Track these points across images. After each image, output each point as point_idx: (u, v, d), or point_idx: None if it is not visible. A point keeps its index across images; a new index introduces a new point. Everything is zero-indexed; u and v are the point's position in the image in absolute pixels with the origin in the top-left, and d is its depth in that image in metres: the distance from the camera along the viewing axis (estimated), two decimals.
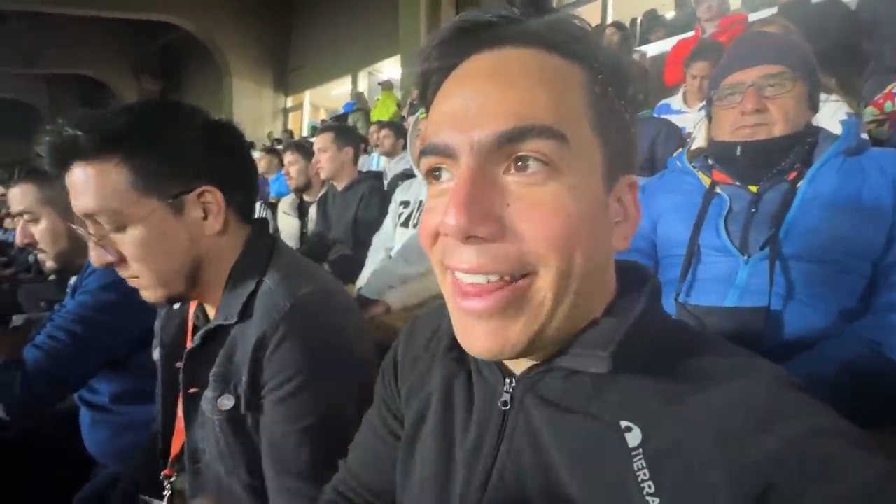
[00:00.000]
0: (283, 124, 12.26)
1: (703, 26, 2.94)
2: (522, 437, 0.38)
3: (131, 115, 0.63)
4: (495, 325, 0.34)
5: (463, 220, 0.32)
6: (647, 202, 1.09)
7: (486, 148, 0.33)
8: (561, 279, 0.33)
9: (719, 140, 0.97)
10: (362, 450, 0.56)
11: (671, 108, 2.51)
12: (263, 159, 4.76)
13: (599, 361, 0.35)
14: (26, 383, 0.85)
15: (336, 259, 2.07)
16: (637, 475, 0.33)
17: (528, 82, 0.34)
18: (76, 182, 0.62)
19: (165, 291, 0.66)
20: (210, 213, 0.67)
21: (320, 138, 2.17)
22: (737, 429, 0.31)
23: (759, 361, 0.36)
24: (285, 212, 2.67)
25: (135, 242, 0.62)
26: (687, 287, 0.92)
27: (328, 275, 0.78)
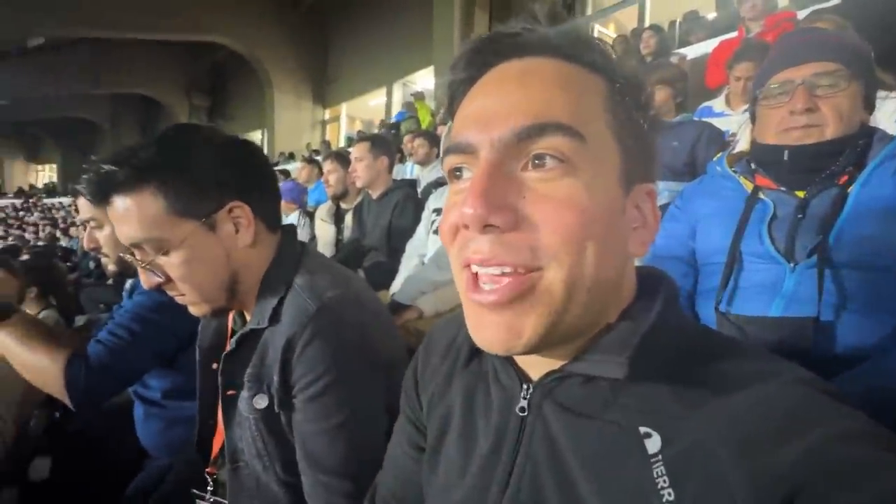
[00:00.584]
0: (321, 135, 12.70)
1: (746, 26, 2.83)
2: (540, 443, 0.38)
3: (158, 145, 0.68)
4: (508, 318, 0.35)
5: (479, 209, 0.33)
6: (685, 208, 1.06)
7: (504, 144, 0.35)
8: (572, 272, 0.34)
9: (764, 143, 0.92)
10: (393, 464, 0.57)
11: (713, 110, 2.42)
12: (304, 169, 4.92)
13: (617, 367, 0.35)
14: (90, 375, 0.91)
15: (370, 265, 2.12)
16: (656, 482, 0.32)
17: (548, 85, 0.35)
18: (118, 213, 0.66)
19: (209, 306, 0.71)
20: (240, 226, 0.71)
21: (357, 147, 2.23)
22: (758, 436, 0.30)
23: (784, 365, 0.35)
24: (322, 219, 2.75)
25: (179, 264, 0.67)
26: (728, 296, 0.88)
27: (356, 278, 0.81)
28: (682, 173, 1.94)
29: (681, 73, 2.36)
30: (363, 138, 2.30)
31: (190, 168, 0.67)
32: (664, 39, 3.58)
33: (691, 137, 2.01)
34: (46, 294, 2.33)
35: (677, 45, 3.94)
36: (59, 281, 2.54)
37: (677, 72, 2.35)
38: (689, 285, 0.99)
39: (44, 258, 3.02)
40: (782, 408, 0.31)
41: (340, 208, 2.67)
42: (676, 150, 2.02)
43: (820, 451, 0.28)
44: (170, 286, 0.70)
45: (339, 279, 0.73)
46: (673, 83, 2.20)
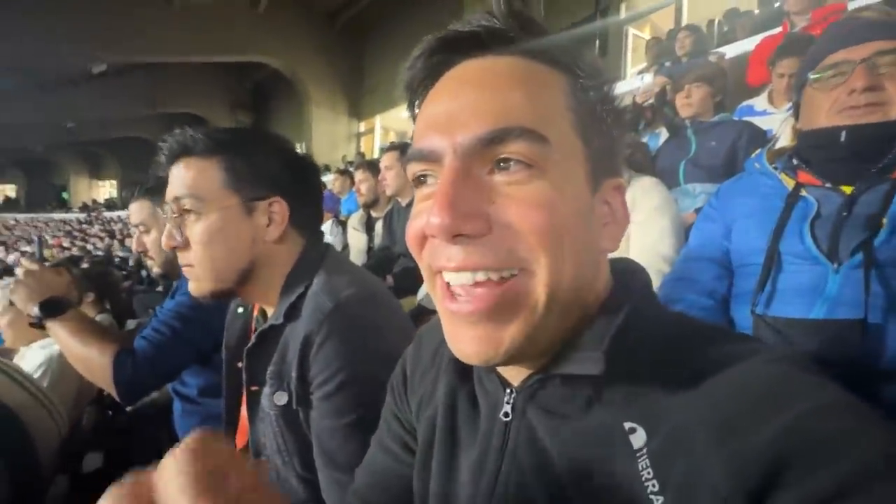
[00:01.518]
0: (356, 147, 13.05)
1: (791, 20, 2.69)
2: (525, 448, 0.38)
3: (236, 131, 0.78)
4: (486, 330, 0.34)
5: (447, 219, 0.32)
6: (720, 207, 1.01)
7: (468, 150, 0.34)
8: (552, 274, 0.33)
9: (814, 128, 0.86)
10: (370, 472, 0.55)
11: (754, 109, 2.31)
12: (337, 180, 5.06)
13: (593, 363, 0.34)
14: (136, 369, 0.98)
15: (400, 272, 2.14)
16: (641, 475, 0.32)
17: (508, 85, 0.34)
18: (179, 172, 0.73)
19: (214, 284, 0.73)
20: (273, 221, 0.75)
21: (386, 156, 2.28)
22: (736, 417, 0.30)
23: (761, 345, 0.34)
24: (354, 227, 2.82)
25: (205, 229, 0.71)
26: (766, 298, 0.83)
27: (373, 278, 0.82)
28: (721, 175, 1.85)
29: (719, 70, 2.27)
30: (392, 147, 2.35)
31: (254, 156, 0.75)
32: (701, 39, 3.46)
33: (731, 137, 1.92)
34: (102, 299, 2.50)
35: (716, 45, 3.79)
36: (114, 287, 2.71)
37: (716, 69, 2.26)
38: (723, 288, 0.94)
39: (101, 266, 3.24)
40: (759, 387, 0.31)
41: (371, 217, 2.73)
42: (714, 150, 1.94)
43: (798, 428, 0.28)
44: (184, 253, 0.73)
45: (355, 279, 0.75)
46: (711, 81, 2.12)
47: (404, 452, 0.53)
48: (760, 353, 0.33)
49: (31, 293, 1.02)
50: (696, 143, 2.03)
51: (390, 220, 2.47)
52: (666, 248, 1.31)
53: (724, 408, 0.30)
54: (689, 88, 2.11)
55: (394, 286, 2.04)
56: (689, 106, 2.11)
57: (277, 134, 0.83)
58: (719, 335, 0.36)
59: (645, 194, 1.38)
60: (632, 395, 0.34)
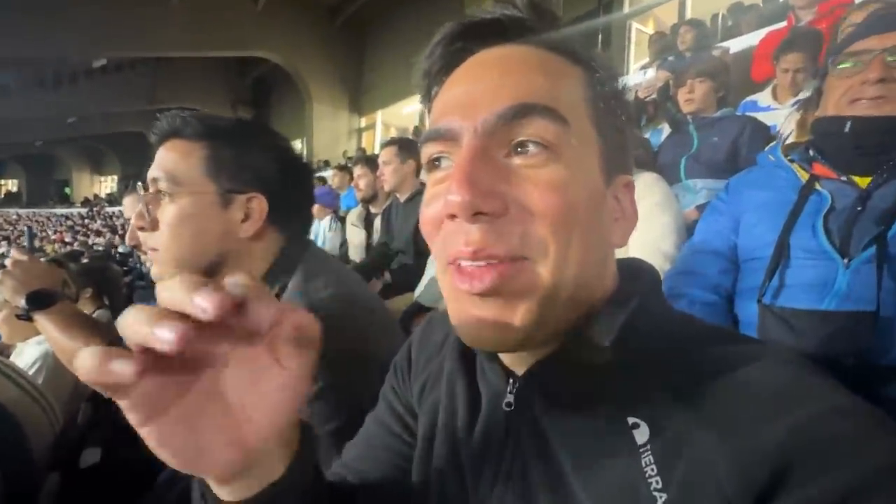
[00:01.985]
0: (357, 143, 13.01)
1: (796, 14, 2.66)
2: (527, 438, 0.37)
3: (231, 122, 0.76)
4: (497, 309, 0.33)
5: (467, 195, 0.31)
6: (730, 200, 0.99)
7: (488, 129, 0.34)
8: (559, 261, 0.33)
9: (824, 116, 0.84)
10: (361, 445, 0.54)
11: (758, 104, 2.28)
12: (336, 176, 5.06)
13: (599, 352, 0.34)
14: None
15: (397, 268, 2.13)
16: (645, 471, 0.31)
17: (530, 70, 0.35)
18: (164, 152, 0.71)
19: (175, 271, 0.70)
20: (250, 217, 0.72)
21: (384, 152, 2.26)
22: (742, 417, 0.29)
23: (771, 347, 0.34)
24: (353, 223, 2.80)
25: (176, 213, 0.69)
26: (772, 292, 0.81)
27: (354, 278, 0.80)
28: (723, 170, 1.83)
29: (722, 65, 2.25)
30: (390, 142, 2.32)
31: (242, 149, 0.73)
32: (703, 34, 3.42)
33: (733, 133, 1.90)
34: (101, 295, 2.49)
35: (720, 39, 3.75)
36: (113, 283, 2.69)
37: (718, 64, 2.24)
38: (728, 283, 0.92)
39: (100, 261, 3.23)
40: (766, 388, 0.30)
41: (370, 212, 2.71)
42: (717, 145, 1.91)
43: (805, 429, 0.27)
44: (151, 236, 0.71)
45: (333, 278, 0.72)
46: (714, 76, 2.10)
47: (400, 427, 0.52)
48: (769, 355, 0.32)
49: (18, 285, 0.99)
50: (697, 139, 2.00)
51: (388, 216, 2.45)
52: (667, 245, 1.29)
53: (730, 407, 0.30)
54: (691, 83, 2.08)
55: (391, 282, 2.02)
56: (691, 101, 2.08)
57: (275, 130, 0.80)
58: (727, 336, 0.36)
59: (646, 190, 1.36)
60: (636, 389, 0.34)
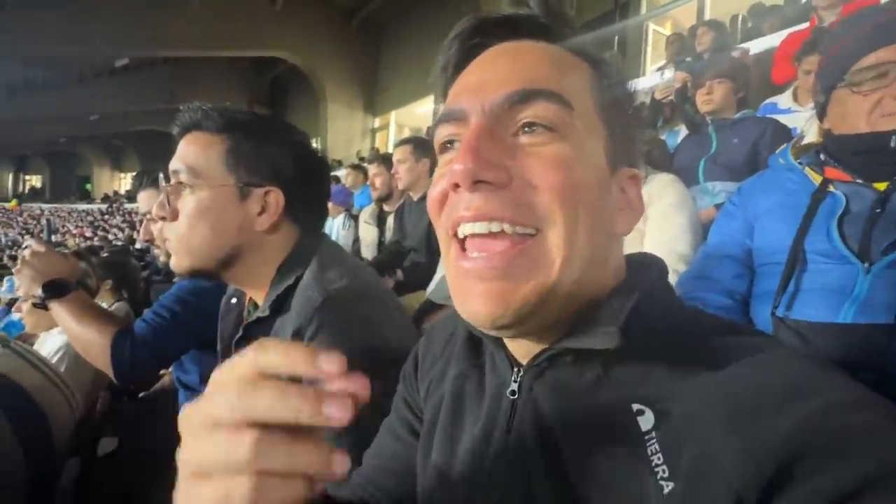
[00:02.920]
0: (371, 143, 13.09)
1: (819, 15, 2.60)
2: (531, 425, 0.38)
3: (252, 115, 0.77)
4: (498, 286, 0.33)
5: (470, 163, 0.33)
6: (742, 204, 0.98)
7: (495, 109, 0.35)
8: (568, 235, 0.34)
9: (856, 133, 0.82)
10: (378, 456, 0.56)
11: (778, 107, 2.24)
12: (350, 175, 5.09)
13: (607, 337, 0.33)
14: (134, 349, 0.99)
15: (409, 266, 2.14)
16: (651, 460, 0.31)
17: (538, 59, 0.37)
18: (185, 144, 0.73)
19: (191, 261, 0.72)
20: (267, 211, 0.73)
21: (399, 150, 2.27)
22: (750, 408, 0.29)
23: (780, 342, 0.34)
24: (366, 221, 2.82)
25: (195, 205, 0.70)
26: (788, 299, 0.80)
27: (368, 271, 0.80)
28: (742, 173, 1.80)
29: (742, 66, 2.21)
30: (405, 141, 2.33)
31: (262, 143, 0.74)
32: (722, 36, 3.36)
33: (754, 135, 1.87)
34: (120, 288, 2.55)
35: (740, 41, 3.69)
36: (131, 276, 2.76)
37: (738, 65, 2.20)
38: (743, 288, 0.91)
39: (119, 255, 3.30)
40: (776, 379, 0.30)
41: (383, 211, 2.73)
42: (736, 147, 1.89)
43: (815, 421, 0.27)
44: (169, 226, 0.72)
45: (347, 272, 0.73)
46: (733, 77, 2.06)
47: (412, 437, 0.53)
48: (779, 346, 0.33)
49: (35, 274, 1.02)
50: (716, 141, 1.98)
51: (401, 215, 2.46)
52: (682, 245, 1.27)
53: (739, 396, 0.30)
54: (710, 85, 2.05)
55: (403, 280, 2.03)
56: (710, 102, 2.05)
57: (292, 125, 0.81)
58: (737, 328, 0.36)
59: (661, 191, 1.35)
60: (642, 376, 0.34)
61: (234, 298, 0.86)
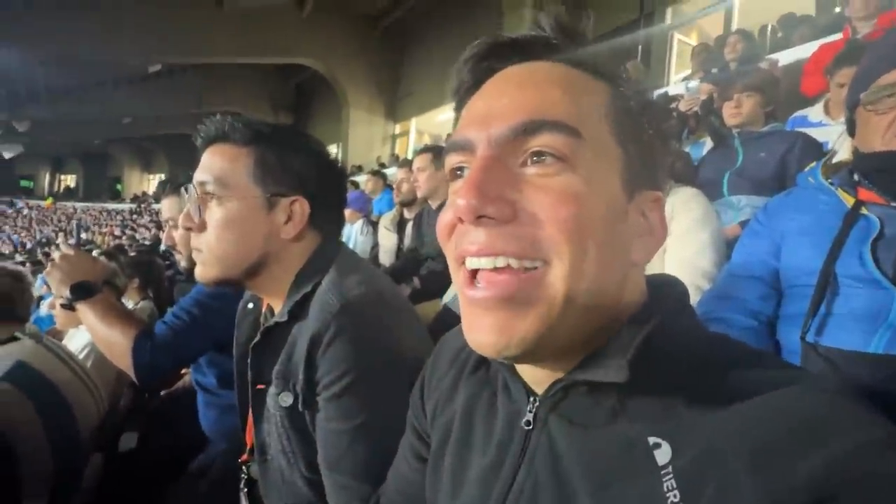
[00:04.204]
0: (391, 149, 13.21)
1: (853, 26, 2.53)
2: (544, 457, 0.37)
3: (274, 127, 0.79)
4: (503, 317, 0.33)
5: (473, 199, 0.32)
6: (769, 223, 0.95)
7: (500, 140, 0.35)
8: (574, 270, 0.32)
9: (875, 151, 0.80)
10: (396, 478, 0.56)
11: (808, 120, 2.18)
12: (370, 181, 5.14)
13: (617, 370, 0.33)
14: (154, 351, 1.01)
15: (426, 274, 2.14)
16: (667, 496, 0.30)
17: (548, 85, 0.36)
18: (211, 156, 0.74)
19: (220, 271, 0.73)
20: (292, 220, 0.74)
21: (419, 158, 2.29)
22: (774, 445, 0.28)
23: (809, 373, 0.32)
24: (385, 227, 2.84)
25: (224, 216, 0.71)
26: (818, 324, 0.77)
27: (385, 279, 0.81)
28: (769, 188, 1.76)
29: (772, 79, 2.16)
30: (425, 149, 2.35)
31: (286, 153, 0.76)
32: (753, 46, 3.30)
33: (782, 149, 1.82)
34: (146, 286, 2.63)
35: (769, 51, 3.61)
36: (156, 276, 2.85)
37: (767, 78, 2.15)
38: (769, 310, 0.88)
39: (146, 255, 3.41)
40: (801, 415, 0.28)
41: (403, 217, 2.74)
42: (763, 161, 1.84)
43: (842, 463, 0.26)
44: (197, 236, 0.73)
45: (365, 279, 0.73)
46: (762, 90, 2.01)
47: (419, 463, 0.53)
48: (806, 380, 0.31)
49: (64, 276, 1.07)
50: (742, 154, 1.93)
51: (420, 222, 2.48)
52: (705, 262, 1.24)
53: (761, 434, 0.28)
54: (738, 97, 2.01)
55: (420, 288, 2.04)
56: (737, 115, 2.00)
57: (312, 135, 0.83)
58: (762, 358, 0.34)
59: (684, 205, 1.32)
60: (659, 409, 0.33)
61: (250, 304, 0.88)
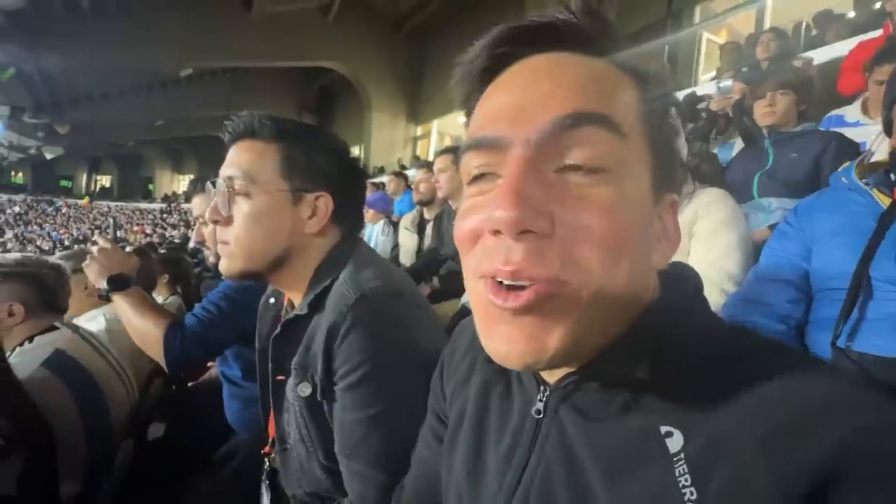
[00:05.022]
0: (412, 151, 13.31)
1: (895, 22, 2.42)
2: (554, 447, 0.37)
3: (299, 124, 0.81)
4: (533, 327, 0.31)
5: (516, 212, 0.29)
6: (800, 225, 0.92)
7: (540, 140, 0.32)
8: (605, 284, 0.31)
9: None
10: (420, 463, 0.56)
11: (845, 120, 2.09)
12: (392, 182, 5.19)
13: (636, 366, 0.32)
14: (184, 342, 1.07)
15: (446, 273, 2.15)
16: (678, 481, 0.29)
17: (584, 80, 0.33)
18: (238, 151, 0.76)
19: (245, 265, 0.75)
20: (316, 215, 0.77)
21: (440, 160, 2.31)
22: (785, 428, 0.27)
23: (823, 361, 0.31)
24: (406, 227, 2.87)
25: (251, 210, 0.73)
26: (850, 329, 0.74)
27: (401, 274, 0.82)
28: (802, 190, 1.69)
29: (806, 77, 2.08)
30: (446, 150, 2.37)
31: (311, 150, 0.78)
32: (787, 45, 3.18)
33: (815, 149, 1.75)
34: (175, 282, 2.73)
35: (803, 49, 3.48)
36: (185, 272, 2.95)
37: (802, 76, 2.07)
38: (798, 313, 0.85)
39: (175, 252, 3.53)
40: (815, 398, 0.28)
41: (423, 218, 2.76)
42: (796, 162, 1.77)
43: (853, 442, 0.25)
44: (224, 229, 0.75)
45: (382, 272, 0.74)
46: (797, 89, 1.93)
47: (439, 446, 0.53)
48: (821, 367, 0.31)
49: (101, 268, 1.13)
50: (773, 155, 1.87)
51: (440, 223, 2.49)
52: (731, 264, 1.21)
53: (773, 416, 0.28)
54: (772, 96, 1.92)
55: (440, 287, 2.05)
56: (771, 115, 1.92)
57: (334, 133, 0.86)
58: (776, 347, 0.33)
59: (710, 206, 1.29)
60: (671, 401, 0.32)
61: (272, 298, 0.90)
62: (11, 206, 23.13)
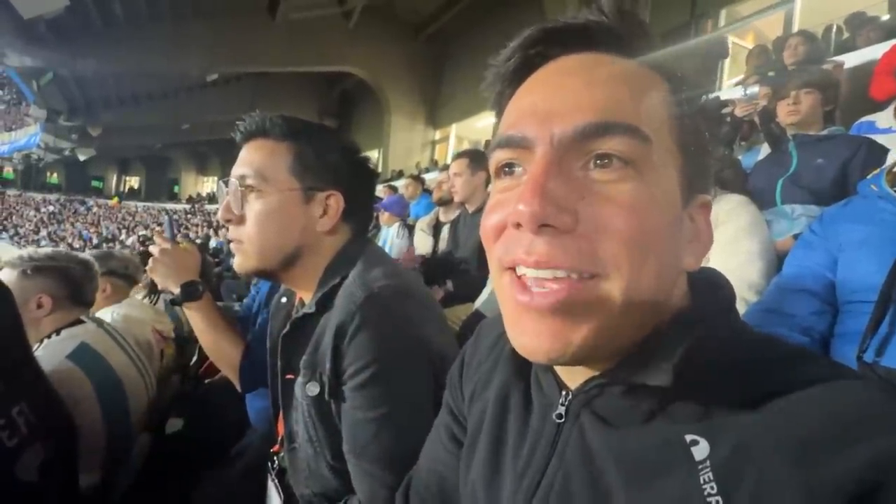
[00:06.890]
0: (431, 155, 13.38)
1: None
2: (575, 452, 0.36)
3: (309, 123, 0.82)
4: (559, 324, 0.32)
5: (537, 206, 0.30)
6: (825, 234, 0.89)
7: (566, 140, 0.32)
8: (631, 284, 0.31)
9: None
10: (429, 458, 0.56)
11: (876, 126, 2.01)
12: (410, 185, 5.22)
13: (661, 374, 0.32)
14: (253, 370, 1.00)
15: (459, 277, 2.15)
16: (703, 489, 0.29)
17: (614, 81, 0.33)
18: (250, 150, 0.77)
19: (258, 262, 0.76)
20: (328, 213, 0.78)
21: (456, 163, 2.31)
22: (817, 440, 0.27)
23: (853, 371, 0.30)
24: (422, 229, 2.88)
25: (263, 209, 0.75)
26: (878, 343, 0.71)
27: (410, 273, 0.82)
28: (828, 197, 1.63)
29: (832, 78, 2.01)
30: (462, 154, 2.37)
31: (322, 149, 0.79)
32: (817, 49, 3.08)
33: (843, 155, 1.69)
34: None
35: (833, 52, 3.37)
36: (207, 273, 3.00)
37: (827, 76, 2.00)
38: (823, 326, 0.82)
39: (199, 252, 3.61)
40: (848, 409, 0.28)
41: (439, 221, 2.77)
42: (821, 168, 1.71)
43: (889, 458, 0.25)
44: (236, 228, 0.76)
45: (391, 272, 0.74)
46: (822, 89, 1.87)
47: (454, 446, 0.53)
48: (851, 376, 0.30)
49: (168, 271, 1.05)
50: (797, 159, 1.80)
51: (456, 226, 2.49)
52: (753, 273, 1.17)
53: (804, 426, 0.27)
54: (796, 94, 1.85)
55: (453, 291, 2.05)
56: (795, 113, 1.85)
57: (344, 133, 0.88)
58: (808, 356, 0.32)
59: (731, 213, 1.26)
60: (698, 409, 0.32)
61: (283, 298, 0.91)
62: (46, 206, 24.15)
